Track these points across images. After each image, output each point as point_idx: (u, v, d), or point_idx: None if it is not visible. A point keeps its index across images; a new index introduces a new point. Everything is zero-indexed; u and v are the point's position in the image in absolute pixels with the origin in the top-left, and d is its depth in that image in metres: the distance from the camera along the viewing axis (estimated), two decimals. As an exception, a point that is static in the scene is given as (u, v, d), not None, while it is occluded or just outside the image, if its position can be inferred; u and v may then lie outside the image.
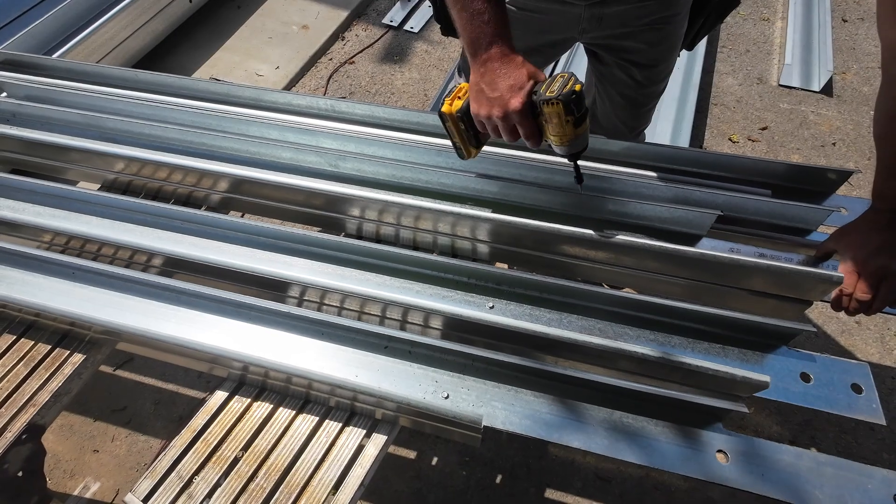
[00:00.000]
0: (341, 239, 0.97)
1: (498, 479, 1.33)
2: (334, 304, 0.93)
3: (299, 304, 0.95)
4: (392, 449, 1.38)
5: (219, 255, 0.97)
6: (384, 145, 1.13)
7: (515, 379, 0.78)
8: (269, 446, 0.82)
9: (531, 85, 0.70)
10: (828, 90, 2.27)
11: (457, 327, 0.86)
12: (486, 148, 0.89)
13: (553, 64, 2.00)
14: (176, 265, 1.02)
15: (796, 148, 2.08)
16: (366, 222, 1.07)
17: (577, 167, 0.82)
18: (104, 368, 1.54)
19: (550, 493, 1.32)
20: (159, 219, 1.07)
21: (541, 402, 0.77)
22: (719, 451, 0.71)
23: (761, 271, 0.84)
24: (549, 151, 0.81)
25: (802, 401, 0.74)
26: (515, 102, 0.68)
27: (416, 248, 1.06)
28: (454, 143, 0.84)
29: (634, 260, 0.91)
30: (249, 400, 0.87)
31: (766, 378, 0.72)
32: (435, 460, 1.37)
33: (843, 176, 1.05)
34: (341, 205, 1.05)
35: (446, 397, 0.78)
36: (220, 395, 0.89)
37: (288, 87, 2.43)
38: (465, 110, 0.77)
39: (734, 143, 2.11)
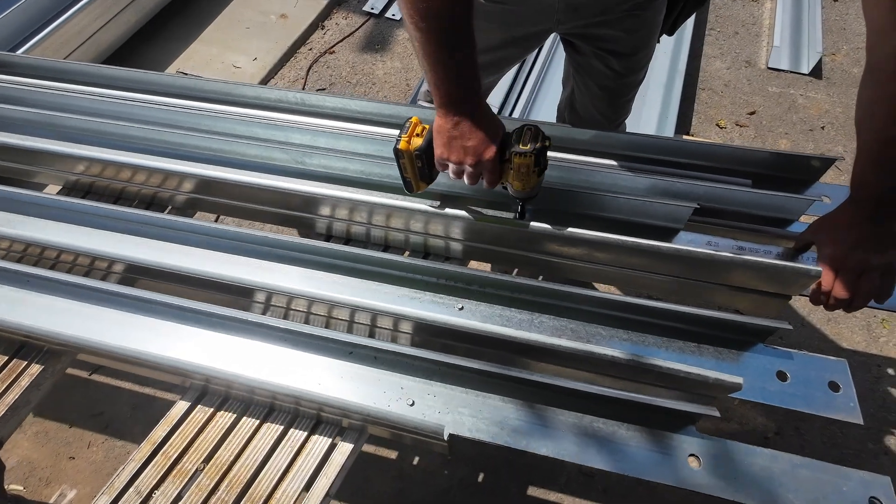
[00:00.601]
0: (307, 241, 0.93)
1: (480, 478, 1.32)
2: (300, 310, 0.90)
3: (265, 311, 0.92)
4: (373, 449, 1.37)
5: (181, 261, 0.94)
6: (355, 139, 1.09)
7: (483, 383, 0.76)
8: (231, 457, 0.80)
9: (501, 135, 0.73)
10: (817, 72, 2.23)
11: (425, 331, 0.84)
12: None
13: (535, 55, 1.95)
14: (137, 271, 0.98)
15: (784, 132, 2.05)
16: (336, 221, 1.04)
17: (524, 208, 0.85)
18: (79, 373, 1.51)
19: (534, 490, 1.31)
20: (120, 223, 1.03)
21: (509, 407, 0.74)
22: (692, 455, 0.68)
23: (738, 266, 0.81)
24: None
25: (779, 400, 0.72)
26: (490, 153, 0.71)
27: (387, 246, 1.03)
28: (404, 178, 0.83)
29: (608, 256, 0.88)
30: (212, 409, 0.85)
31: (738, 380, 0.69)
32: (417, 459, 1.36)
33: (827, 163, 1.01)
34: (309, 204, 1.02)
35: (412, 404, 0.75)
36: (181, 405, 0.86)
37: (266, 78, 2.37)
38: (425, 149, 0.76)
39: (722, 128, 2.08)
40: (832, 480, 0.66)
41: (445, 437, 0.70)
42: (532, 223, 0.88)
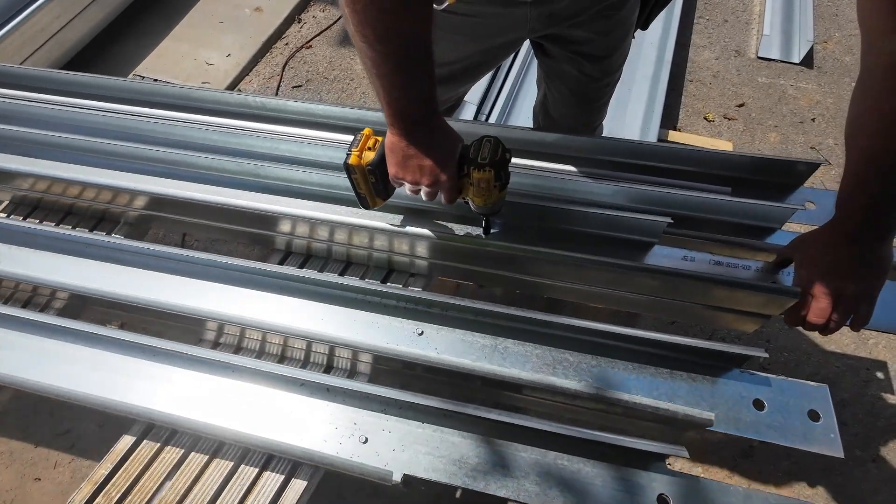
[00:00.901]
0: (260, 265, 0.87)
1: (458, 493, 1.28)
2: (254, 338, 0.85)
3: (215, 342, 0.86)
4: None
5: (124, 287, 0.88)
6: (319, 147, 1.03)
7: (441, 417, 0.71)
8: (178, 497, 0.75)
9: (459, 149, 0.68)
10: (808, 62, 2.16)
11: (381, 361, 0.78)
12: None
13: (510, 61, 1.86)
14: (81, 300, 0.92)
15: (774, 125, 1.99)
16: (295, 238, 0.98)
17: (489, 223, 0.80)
18: (45, 391, 1.46)
19: (513, 505, 1.27)
20: (63, 243, 0.97)
21: (468, 443, 0.70)
22: (661, 495, 0.64)
23: (712, 286, 0.76)
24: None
25: (753, 432, 0.68)
26: (447, 173, 0.67)
27: (349, 262, 0.98)
28: (358, 194, 0.78)
29: (578, 274, 0.83)
30: (159, 445, 0.80)
31: (709, 416, 0.65)
32: (393, 475, 1.32)
33: (811, 168, 0.96)
34: (266, 221, 0.96)
35: (365, 441, 0.71)
36: (126, 440, 0.81)
37: (240, 76, 2.28)
38: (378, 164, 0.71)
39: (710, 122, 2.01)
40: (809, 521, 0.62)
41: (396, 481, 0.65)
42: (498, 241, 0.83)
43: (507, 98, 1.76)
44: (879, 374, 1.39)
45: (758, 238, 0.92)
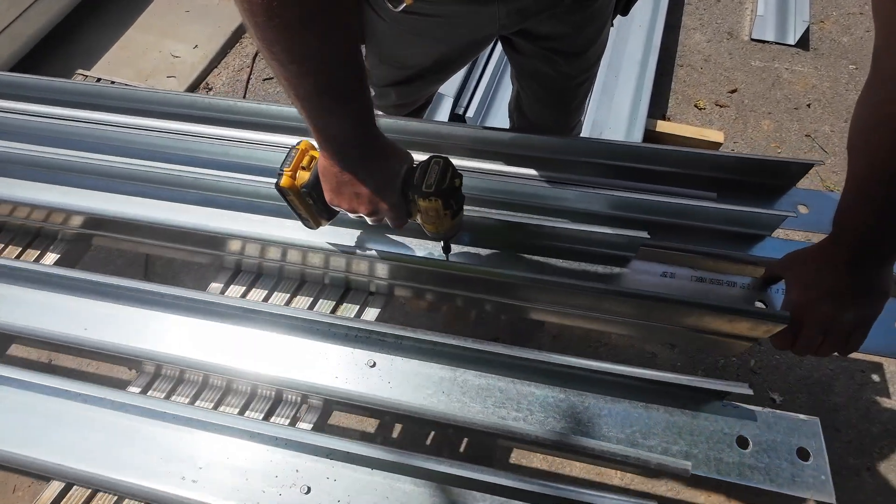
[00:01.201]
0: (199, 295, 0.79)
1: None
2: (192, 378, 0.78)
3: (148, 386, 0.78)
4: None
5: (51, 324, 0.79)
6: (272, 152, 0.95)
7: (391, 464, 0.64)
8: (109, 551, 0.68)
9: (404, 172, 0.60)
10: (804, 43, 2.06)
11: (331, 399, 0.71)
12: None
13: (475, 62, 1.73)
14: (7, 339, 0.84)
15: (767, 112, 1.90)
16: (245, 258, 0.90)
17: (447, 245, 0.72)
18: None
19: None
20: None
21: (422, 492, 0.63)
22: (632, 549, 0.57)
23: (692, 308, 0.69)
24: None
25: (737, 475, 0.61)
26: (388, 202, 0.59)
27: (303, 281, 0.90)
28: (299, 215, 0.70)
29: (546, 296, 0.76)
30: (90, 490, 0.73)
31: (685, 465, 0.58)
32: None
33: (804, 168, 0.88)
34: (211, 242, 0.87)
35: (307, 491, 0.64)
36: (55, 486, 0.74)
37: (209, 68, 2.16)
38: (314, 185, 0.63)
39: (701, 109, 1.92)
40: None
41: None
42: (459, 263, 0.75)
43: (487, 90, 1.67)
44: (875, 377, 1.33)
45: (746, 245, 0.85)
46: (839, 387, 1.33)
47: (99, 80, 1.33)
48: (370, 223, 0.64)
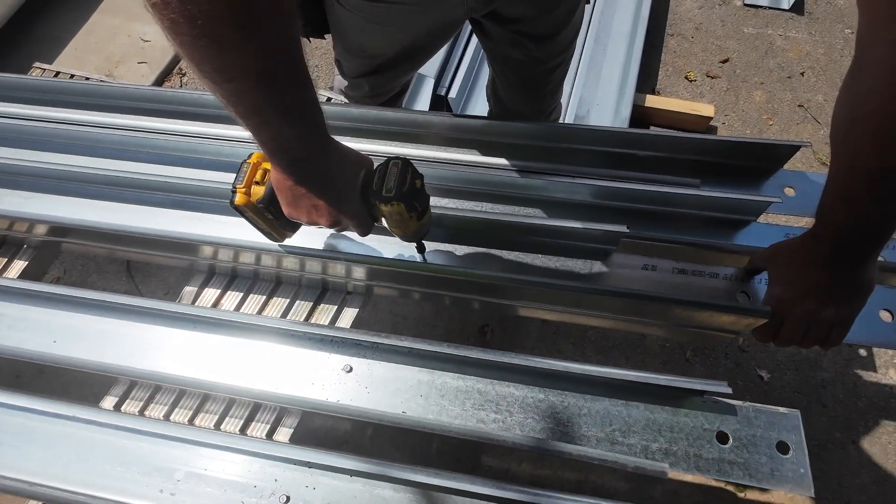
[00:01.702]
0: (171, 306, 0.77)
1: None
2: (170, 387, 0.76)
3: (125, 395, 0.77)
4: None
5: (19, 340, 0.78)
6: (242, 147, 0.91)
7: (370, 473, 0.63)
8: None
9: (362, 178, 0.57)
10: (798, 7, 1.99)
11: (306, 409, 0.70)
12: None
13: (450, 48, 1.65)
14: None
15: (760, 82, 1.85)
16: (218, 263, 0.87)
17: (421, 245, 0.70)
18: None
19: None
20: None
21: (401, 498, 0.62)
22: (611, 549, 0.58)
23: (672, 304, 0.67)
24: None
25: (717, 471, 0.61)
26: (348, 211, 0.57)
27: (278, 281, 0.88)
28: (261, 231, 0.67)
29: (524, 294, 0.74)
30: (70, 506, 0.72)
31: (663, 467, 0.57)
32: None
33: (791, 150, 0.85)
34: (180, 247, 0.85)
35: (286, 501, 0.63)
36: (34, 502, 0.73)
37: (182, 53, 2.08)
38: (271, 199, 0.60)
39: (691, 81, 1.87)
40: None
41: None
42: (435, 264, 0.73)
43: (469, 69, 1.61)
44: (862, 352, 1.34)
45: (731, 231, 0.83)
46: (826, 363, 1.33)
47: (57, 74, 1.27)
48: (336, 232, 0.61)
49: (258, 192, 0.59)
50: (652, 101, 1.71)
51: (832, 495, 1.18)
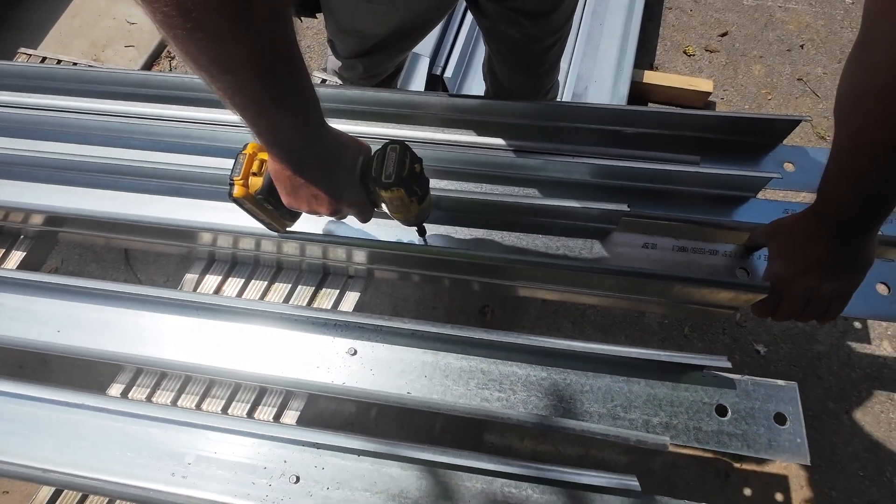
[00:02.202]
0: (173, 293, 0.77)
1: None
2: (176, 373, 0.77)
3: (131, 383, 0.77)
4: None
5: (21, 330, 0.78)
6: (234, 132, 0.90)
7: (378, 452, 0.65)
8: (110, 545, 0.70)
9: (360, 165, 0.57)
10: (799, -23, 1.95)
11: (313, 391, 0.71)
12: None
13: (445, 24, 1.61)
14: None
15: (759, 56, 1.82)
16: (218, 249, 0.87)
17: (422, 229, 0.70)
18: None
19: None
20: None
21: (409, 475, 0.64)
22: (614, 519, 0.59)
23: (674, 281, 0.67)
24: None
25: (716, 443, 0.62)
26: (348, 199, 0.57)
27: (279, 267, 0.88)
28: (262, 222, 0.67)
29: (525, 274, 0.74)
30: (80, 494, 0.74)
31: (664, 440, 0.59)
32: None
33: (791, 125, 0.85)
34: (177, 234, 0.84)
35: (296, 481, 0.65)
36: (46, 491, 0.75)
37: (170, 35, 2.03)
38: (269, 190, 0.59)
39: (690, 56, 1.84)
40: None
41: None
42: (436, 246, 0.73)
43: (465, 47, 1.58)
44: (857, 324, 1.36)
45: (730, 208, 0.83)
46: (822, 335, 1.35)
47: (44, 59, 1.24)
48: (336, 220, 0.61)
49: (256, 183, 0.59)
50: (650, 76, 1.69)
51: (825, 463, 1.21)
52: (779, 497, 1.19)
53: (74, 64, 1.21)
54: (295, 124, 0.48)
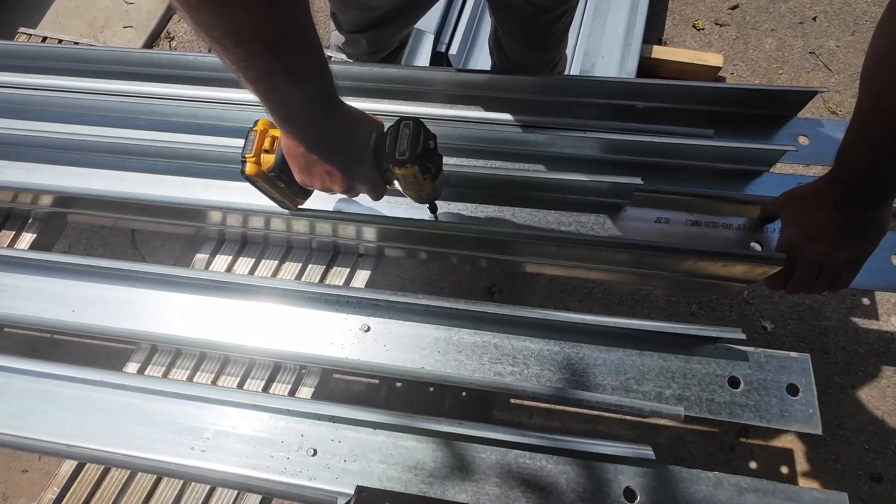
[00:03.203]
0: (186, 271, 0.77)
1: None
2: (191, 351, 0.78)
3: (147, 361, 0.78)
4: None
5: (38, 310, 0.78)
6: (240, 111, 0.89)
7: (393, 425, 0.66)
8: (133, 516, 0.72)
9: (374, 141, 0.56)
10: (813, -54, 1.89)
11: (329, 368, 0.72)
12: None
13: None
14: None
15: (770, 29, 1.78)
16: (228, 229, 0.87)
17: (433, 206, 0.69)
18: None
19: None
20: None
21: (424, 447, 0.65)
22: (627, 488, 0.60)
23: (688, 255, 0.67)
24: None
25: (728, 414, 0.63)
26: (361, 175, 0.56)
27: (289, 246, 0.88)
28: (273, 199, 0.66)
29: (538, 250, 0.74)
30: (104, 467, 0.75)
31: (678, 410, 0.59)
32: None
33: (806, 96, 0.83)
34: (187, 214, 0.84)
35: (313, 454, 0.66)
36: (71, 462, 0.76)
37: (167, 14, 2.00)
38: (282, 166, 0.59)
39: (699, 30, 1.80)
40: (781, 504, 0.59)
41: (349, 494, 0.61)
42: (447, 222, 0.73)
43: (470, 23, 1.54)
44: (865, 300, 1.36)
45: (744, 182, 0.82)
46: (829, 311, 1.36)
47: (45, 39, 1.22)
48: (348, 198, 0.61)
49: (268, 160, 0.59)
50: (659, 52, 1.66)
51: (830, 436, 1.23)
52: (784, 470, 1.21)
53: (76, 44, 1.19)
54: (308, 98, 0.47)
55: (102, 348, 1.45)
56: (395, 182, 0.60)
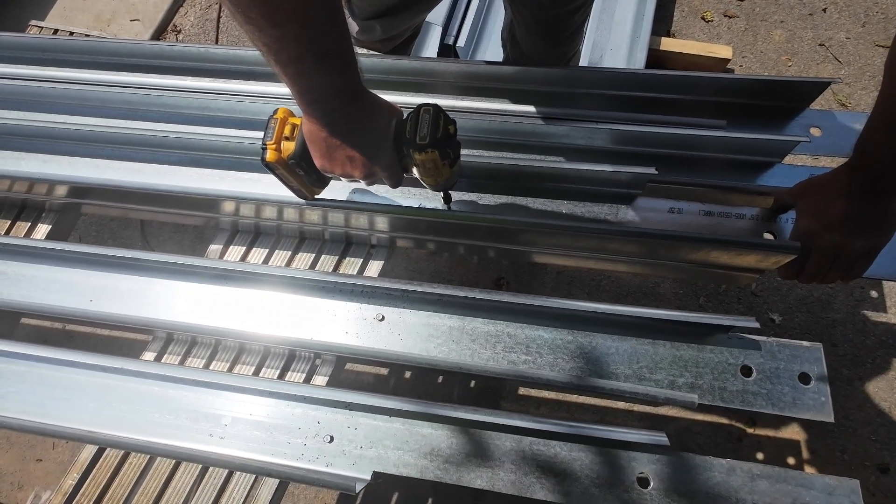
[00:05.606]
0: (201, 261, 0.78)
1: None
2: (205, 340, 0.79)
3: (163, 349, 0.79)
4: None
5: (57, 299, 0.79)
6: (252, 102, 0.90)
7: (409, 411, 0.66)
8: (151, 501, 0.73)
9: (394, 127, 0.56)
10: (823, -64, 1.87)
11: (343, 356, 0.72)
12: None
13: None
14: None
15: (780, 20, 1.77)
16: (241, 219, 0.88)
17: (448, 195, 0.70)
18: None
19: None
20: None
21: (440, 434, 0.66)
22: (641, 474, 0.61)
23: (701, 244, 0.68)
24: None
25: (740, 402, 0.63)
26: (382, 161, 0.57)
27: (302, 237, 0.89)
28: (291, 188, 0.67)
29: (551, 240, 0.74)
30: (123, 451, 0.76)
31: (692, 398, 0.60)
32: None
33: (819, 87, 0.83)
34: (200, 204, 0.85)
35: (330, 440, 0.67)
36: (90, 449, 0.78)
37: (173, 7, 2.00)
38: (302, 154, 0.59)
39: (708, 22, 1.79)
40: (793, 490, 0.59)
41: (357, 490, 0.62)
42: (461, 212, 0.74)
43: (477, 16, 1.54)
44: (874, 293, 1.36)
45: (756, 173, 0.82)
46: (838, 304, 1.36)
47: (56, 31, 1.23)
48: (366, 185, 0.61)
49: (289, 147, 0.59)
50: (667, 44, 1.65)
51: (838, 427, 1.23)
52: (791, 461, 1.22)
53: (87, 36, 1.19)
54: (335, 81, 0.48)
55: (115, 339, 1.46)
56: (414, 170, 0.60)
